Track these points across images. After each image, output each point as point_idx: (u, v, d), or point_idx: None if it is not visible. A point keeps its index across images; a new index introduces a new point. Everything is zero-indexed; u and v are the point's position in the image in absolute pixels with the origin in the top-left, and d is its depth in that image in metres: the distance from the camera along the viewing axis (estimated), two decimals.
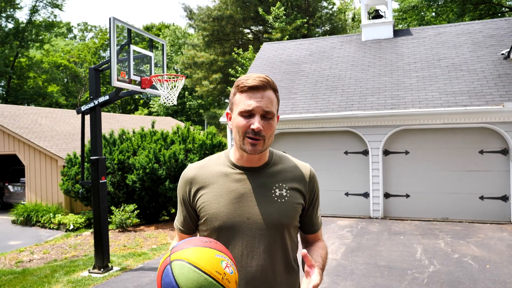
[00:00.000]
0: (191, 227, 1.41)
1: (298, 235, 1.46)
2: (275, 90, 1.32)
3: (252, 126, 1.24)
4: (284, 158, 1.43)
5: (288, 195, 1.33)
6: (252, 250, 1.28)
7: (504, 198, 7.21)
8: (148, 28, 37.70)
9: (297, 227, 1.41)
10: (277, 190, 1.33)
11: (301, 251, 1.30)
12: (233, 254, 1.28)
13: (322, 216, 8.20)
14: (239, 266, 1.27)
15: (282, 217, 1.31)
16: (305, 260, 1.17)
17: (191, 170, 1.39)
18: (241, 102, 1.27)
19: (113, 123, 15.75)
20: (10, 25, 28.65)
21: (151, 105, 30.48)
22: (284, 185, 1.34)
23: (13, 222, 10.43)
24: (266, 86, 1.27)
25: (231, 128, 1.34)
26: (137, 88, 5.09)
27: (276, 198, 1.32)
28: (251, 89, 1.26)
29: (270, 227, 1.29)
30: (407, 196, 7.83)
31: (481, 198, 7.36)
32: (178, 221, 1.44)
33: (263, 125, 1.25)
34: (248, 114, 1.26)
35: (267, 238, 1.29)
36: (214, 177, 1.35)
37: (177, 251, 1.05)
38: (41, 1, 29.30)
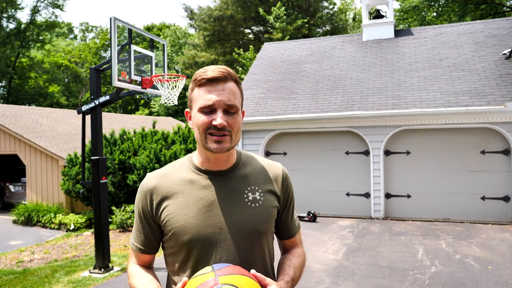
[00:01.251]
0: (154, 245, 1.24)
1: (276, 242, 1.36)
2: (237, 82, 1.19)
3: (214, 122, 1.11)
4: (253, 158, 1.30)
5: (262, 198, 1.21)
6: (227, 263, 1.13)
7: (506, 199, 7.19)
8: (148, 28, 37.73)
9: (273, 233, 1.30)
10: (249, 194, 1.20)
11: (280, 273, 1.22)
12: None
13: (323, 217, 8.21)
14: None
15: (258, 223, 1.18)
16: (257, 279, 1.06)
17: (152, 179, 1.23)
18: (200, 97, 1.14)
19: (114, 123, 15.75)
20: (12, 26, 28.70)
21: (152, 105, 30.49)
22: (256, 188, 1.22)
23: (14, 222, 10.44)
24: (226, 77, 1.15)
25: (193, 128, 1.20)
26: (138, 88, 5.08)
27: (249, 203, 1.19)
28: (210, 82, 1.13)
29: (246, 236, 1.16)
30: (408, 196, 7.81)
31: (483, 198, 7.33)
32: (137, 240, 1.25)
33: (226, 120, 1.12)
34: (209, 110, 1.13)
35: (244, 248, 1.16)
36: (178, 186, 1.20)
37: (226, 275, 1.00)
38: (42, 2, 29.34)
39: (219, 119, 1.11)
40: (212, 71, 1.15)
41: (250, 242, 1.18)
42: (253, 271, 1.08)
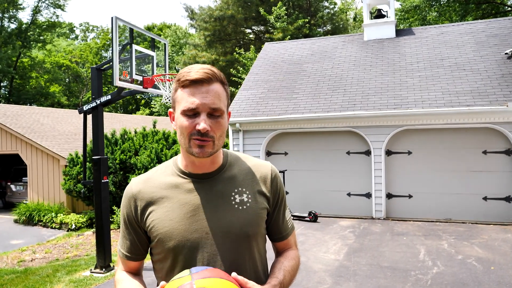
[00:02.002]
0: (141, 252, 1.22)
1: (269, 244, 1.32)
2: (222, 83, 1.13)
3: (197, 127, 1.07)
4: (241, 159, 1.25)
5: (250, 200, 1.17)
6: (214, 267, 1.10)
7: (508, 199, 7.17)
8: (149, 28, 37.75)
9: (265, 236, 1.25)
10: (236, 196, 1.16)
11: (270, 276, 1.18)
12: None
13: (324, 217, 8.19)
14: None
15: (246, 226, 1.14)
16: (238, 282, 1.03)
17: (135, 184, 1.20)
18: (183, 99, 1.09)
19: (115, 123, 15.76)
20: (13, 26, 28.75)
21: (153, 105, 30.51)
22: (244, 190, 1.18)
23: (15, 221, 10.45)
24: (211, 79, 1.09)
25: (175, 129, 1.15)
26: (139, 87, 5.08)
27: (236, 206, 1.15)
28: (194, 83, 1.08)
29: (234, 240, 1.13)
30: (410, 196, 7.79)
31: (485, 198, 7.31)
32: (123, 247, 1.23)
33: (210, 125, 1.08)
34: (192, 113, 1.08)
35: (232, 253, 1.12)
36: (163, 190, 1.17)
37: (203, 278, 0.97)
38: (43, 2, 29.38)
39: (202, 123, 1.07)
40: (196, 71, 1.09)
41: (239, 246, 1.14)
42: (234, 274, 1.04)
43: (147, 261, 1.28)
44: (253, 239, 1.17)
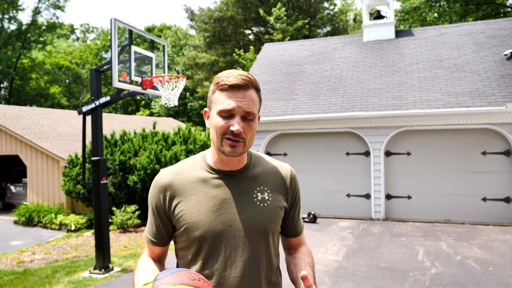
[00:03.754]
0: (165, 238, 1.31)
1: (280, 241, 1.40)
2: (257, 90, 1.24)
3: (231, 128, 1.16)
4: (263, 159, 1.35)
5: (270, 198, 1.27)
6: (235, 260, 1.21)
7: (507, 200, 7.17)
8: (149, 29, 37.78)
9: (279, 232, 1.35)
10: (258, 194, 1.27)
11: (300, 273, 1.22)
12: (216, 264, 1.21)
13: (323, 218, 8.20)
14: (222, 277, 1.21)
15: (265, 222, 1.25)
16: (304, 282, 1.09)
17: (166, 176, 1.29)
18: (220, 101, 1.19)
19: (114, 124, 15.77)
20: (13, 27, 28.77)
21: (152, 106, 30.52)
22: (265, 188, 1.28)
23: (15, 222, 10.45)
24: (248, 85, 1.19)
25: (209, 128, 1.25)
26: (138, 89, 5.09)
27: (258, 203, 1.25)
28: (232, 88, 1.18)
29: (254, 234, 1.23)
30: (409, 197, 7.80)
31: (484, 199, 7.32)
32: (149, 232, 1.32)
33: (243, 127, 1.17)
34: (227, 115, 1.18)
35: (251, 246, 1.23)
36: (191, 183, 1.26)
37: (163, 285, 0.98)
38: (43, 3, 29.41)
39: (236, 125, 1.16)
40: (234, 77, 1.18)
41: (258, 240, 1.24)
42: (304, 272, 1.09)
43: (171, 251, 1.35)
44: (271, 234, 1.27)
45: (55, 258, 6.45)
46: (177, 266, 1.32)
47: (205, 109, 1.30)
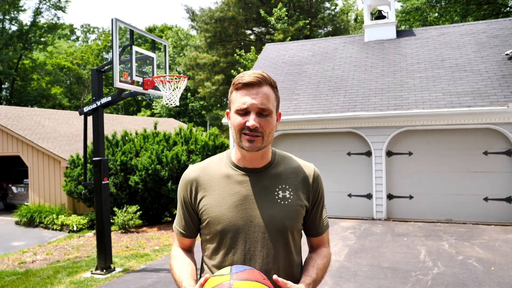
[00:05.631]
0: (193, 230, 1.38)
1: (304, 239, 1.43)
2: (272, 86, 1.28)
3: (247, 124, 1.22)
4: (287, 158, 1.39)
5: (291, 197, 1.30)
6: (254, 254, 1.25)
7: (509, 200, 7.15)
8: (150, 30, 37.82)
9: (301, 230, 1.38)
10: (280, 192, 1.30)
11: (304, 273, 1.30)
12: (235, 258, 1.26)
13: None
14: None
15: (285, 219, 1.28)
16: (278, 283, 1.15)
17: (193, 171, 1.36)
18: (236, 100, 1.26)
19: (115, 124, 15.78)
20: (14, 28, 28.84)
21: (154, 107, 30.55)
22: (287, 187, 1.31)
23: (17, 223, 10.46)
24: (261, 82, 1.24)
25: (231, 127, 1.32)
26: (140, 89, 5.09)
27: (279, 200, 1.29)
28: (246, 86, 1.24)
29: (273, 230, 1.27)
30: (411, 197, 7.79)
31: (486, 199, 7.30)
32: (179, 224, 1.40)
33: (259, 122, 1.23)
34: (243, 112, 1.24)
35: (270, 242, 1.26)
36: (216, 179, 1.32)
37: (241, 280, 1.06)
38: (44, 3, 29.47)
39: (251, 120, 1.21)
40: (248, 76, 1.25)
41: (277, 236, 1.27)
42: (275, 276, 1.15)
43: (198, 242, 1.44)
44: (290, 231, 1.30)
45: (56, 258, 6.45)
46: (202, 258, 1.40)
47: (227, 110, 1.36)
